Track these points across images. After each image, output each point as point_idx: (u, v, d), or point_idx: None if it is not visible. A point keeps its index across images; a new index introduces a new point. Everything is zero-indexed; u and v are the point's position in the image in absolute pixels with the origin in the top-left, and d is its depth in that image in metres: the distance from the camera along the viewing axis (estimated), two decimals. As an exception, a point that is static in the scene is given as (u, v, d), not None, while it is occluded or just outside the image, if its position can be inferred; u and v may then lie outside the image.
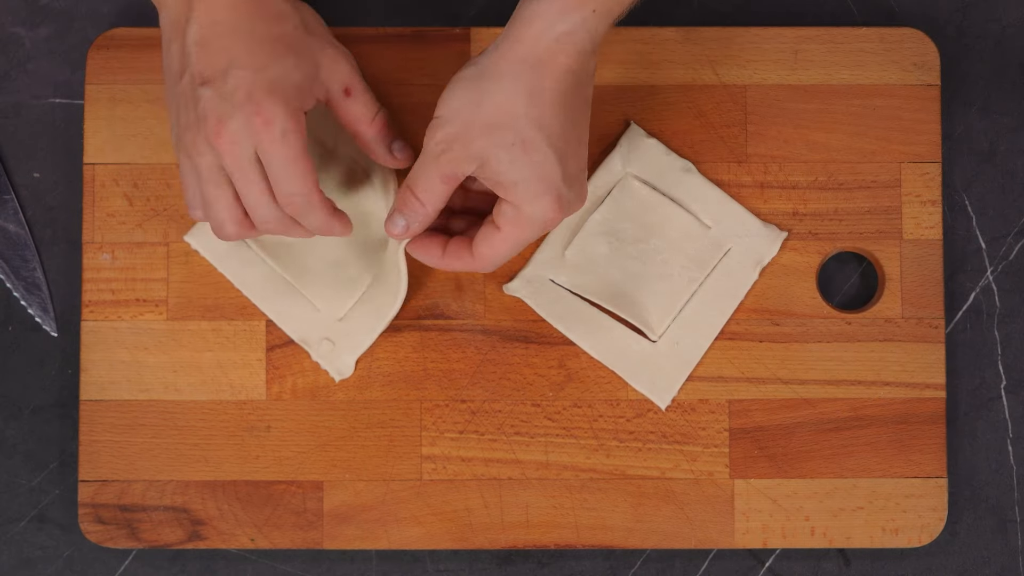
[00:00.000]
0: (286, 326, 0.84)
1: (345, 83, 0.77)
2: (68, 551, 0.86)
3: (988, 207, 0.88)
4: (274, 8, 0.75)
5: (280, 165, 0.73)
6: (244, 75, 0.72)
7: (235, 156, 0.73)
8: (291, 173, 0.73)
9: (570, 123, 0.74)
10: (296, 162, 0.73)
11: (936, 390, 0.84)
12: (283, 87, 0.73)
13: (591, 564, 0.86)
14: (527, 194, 0.74)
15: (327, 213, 0.76)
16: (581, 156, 0.76)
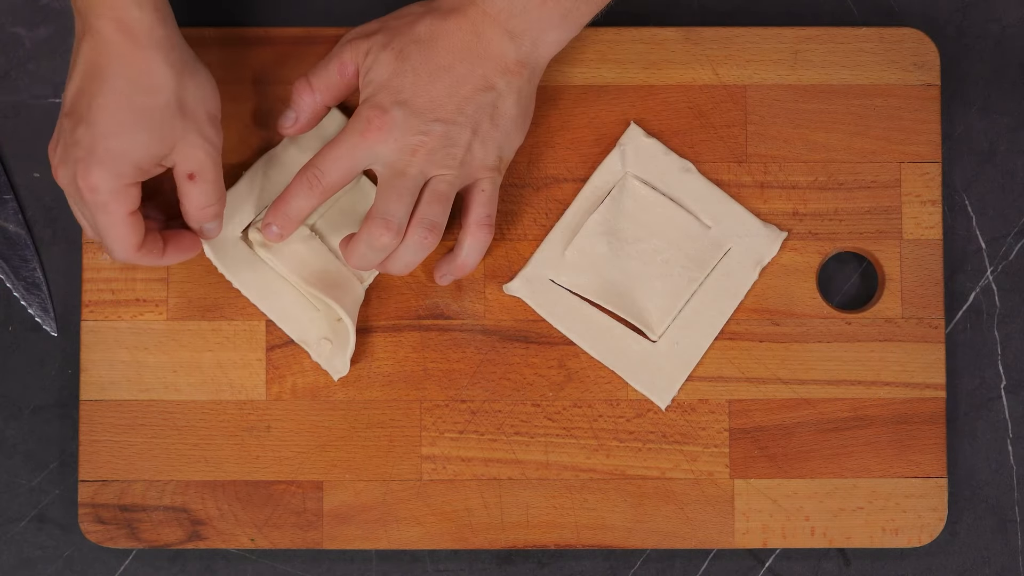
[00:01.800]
0: (286, 326, 0.84)
1: (192, 169, 0.76)
2: (68, 551, 0.86)
3: (988, 207, 0.88)
4: (151, 78, 0.74)
5: (103, 227, 0.75)
6: (89, 135, 0.73)
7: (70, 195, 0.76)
8: (110, 237, 0.75)
9: (446, 70, 0.76)
10: (114, 228, 0.75)
11: (936, 390, 0.84)
12: (119, 162, 0.73)
13: (591, 564, 0.86)
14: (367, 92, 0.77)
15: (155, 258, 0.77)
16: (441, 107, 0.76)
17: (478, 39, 0.76)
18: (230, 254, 0.84)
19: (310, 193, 0.78)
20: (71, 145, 0.74)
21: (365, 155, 0.77)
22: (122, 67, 0.73)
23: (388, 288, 0.85)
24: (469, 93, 0.77)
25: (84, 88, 0.73)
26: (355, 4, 0.88)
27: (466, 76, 0.76)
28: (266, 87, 0.85)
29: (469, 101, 0.77)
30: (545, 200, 0.85)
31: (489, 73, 0.77)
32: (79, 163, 0.73)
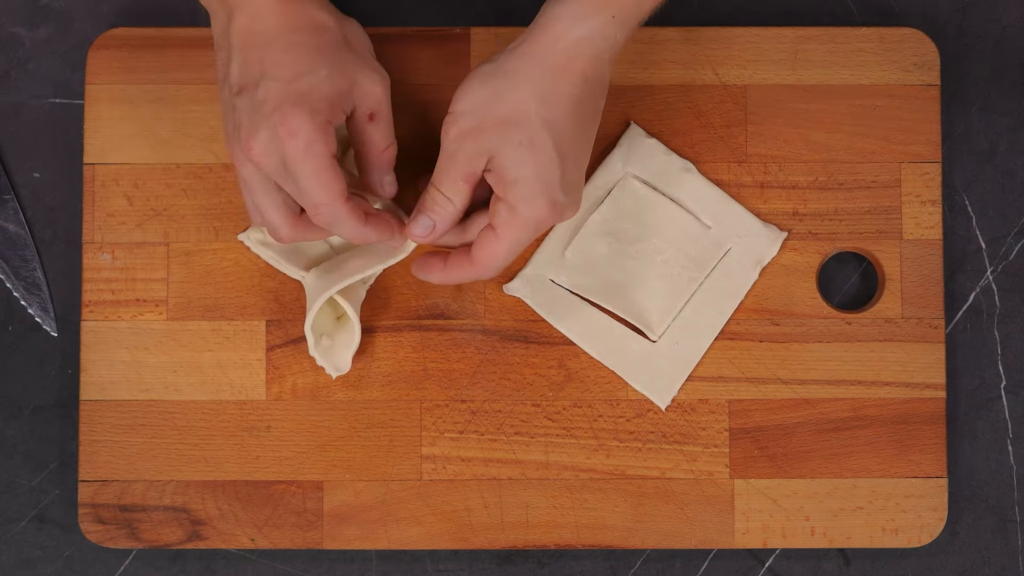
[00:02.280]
0: None
1: (373, 108, 0.76)
2: (68, 551, 0.86)
3: (988, 207, 0.88)
4: (315, 19, 0.75)
5: (304, 177, 0.72)
6: (274, 86, 0.72)
7: (266, 166, 0.73)
8: (315, 184, 0.73)
9: (579, 130, 0.75)
10: (320, 174, 0.72)
11: (936, 390, 0.84)
12: (311, 98, 0.72)
13: (591, 564, 0.86)
14: (524, 193, 0.74)
15: (357, 222, 0.75)
16: (582, 164, 0.76)
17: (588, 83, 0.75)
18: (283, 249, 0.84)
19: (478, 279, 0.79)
20: (256, 108, 0.72)
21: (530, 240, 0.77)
22: (285, 21, 0.73)
23: (388, 288, 0.85)
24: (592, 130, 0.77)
25: (249, 59, 0.73)
26: (356, 4, 0.88)
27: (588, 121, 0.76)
28: (266, 87, 0.85)
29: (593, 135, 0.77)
30: (545, 200, 0.85)
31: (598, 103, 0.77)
32: (274, 115, 0.71)
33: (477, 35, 0.86)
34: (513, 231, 0.75)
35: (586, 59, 0.74)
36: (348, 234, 0.75)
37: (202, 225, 0.85)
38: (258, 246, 0.84)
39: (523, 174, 0.74)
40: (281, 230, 0.76)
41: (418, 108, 0.85)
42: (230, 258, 0.85)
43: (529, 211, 0.74)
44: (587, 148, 0.76)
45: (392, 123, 0.77)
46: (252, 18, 0.73)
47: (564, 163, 0.74)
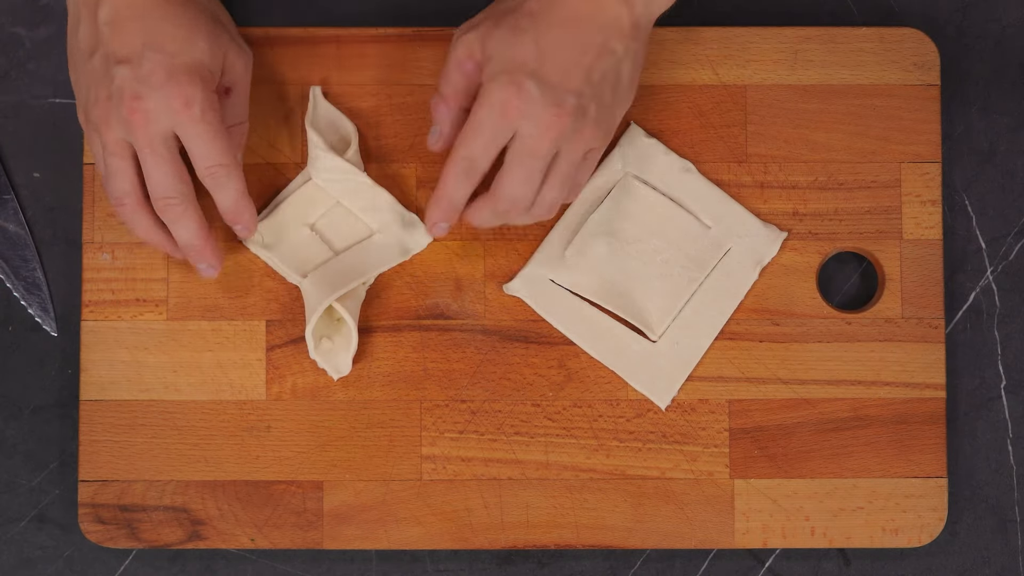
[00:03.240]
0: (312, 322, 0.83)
1: (232, 81, 0.79)
2: (68, 551, 0.86)
3: (988, 207, 0.88)
4: None
5: (203, 141, 0.75)
6: (160, 58, 0.74)
7: (148, 134, 0.75)
8: (214, 147, 0.76)
9: (569, 39, 0.75)
10: (218, 136, 0.75)
11: (936, 390, 0.84)
12: (199, 69, 0.75)
13: (591, 564, 0.86)
14: (494, 70, 0.75)
15: (239, 188, 0.78)
16: (572, 78, 0.75)
17: (594, 6, 0.75)
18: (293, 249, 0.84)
19: (468, 181, 0.77)
20: (143, 79, 0.74)
21: (507, 134, 0.76)
22: None
23: (388, 288, 0.85)
24: (593, 61, 0.75)
25: (126, 27, 0.75)
26: (355, 4, 0.88)
27: (587, 44, 0.75)
28: (267, 87, 0.85)
29: (594, 69, 0.75)
30: (545, 200, 0.85)
31: (608, 39, 0.76)
32: (166, 85, 0.74)
33: (477, 35, 0.86)
34: (479, 108, 0.75)
35: None
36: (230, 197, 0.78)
37: (202, 225, 0.85)
38: (258, 247, 0.84)
39: (498, 52, 0.75)
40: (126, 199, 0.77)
41: (418, 108, 0.85)
42: (230, 258, 0.85)
43: (493, 87, 0.74)
44: (580, 69, 0.75)
45: (247, 100, 0.80)
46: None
47: (542, 58, 0.74)
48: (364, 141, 0.86)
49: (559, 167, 0.77)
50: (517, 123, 0.75)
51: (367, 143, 0.86)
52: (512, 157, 0.76)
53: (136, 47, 0.75)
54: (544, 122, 0.75)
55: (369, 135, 0.86)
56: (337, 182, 0.84)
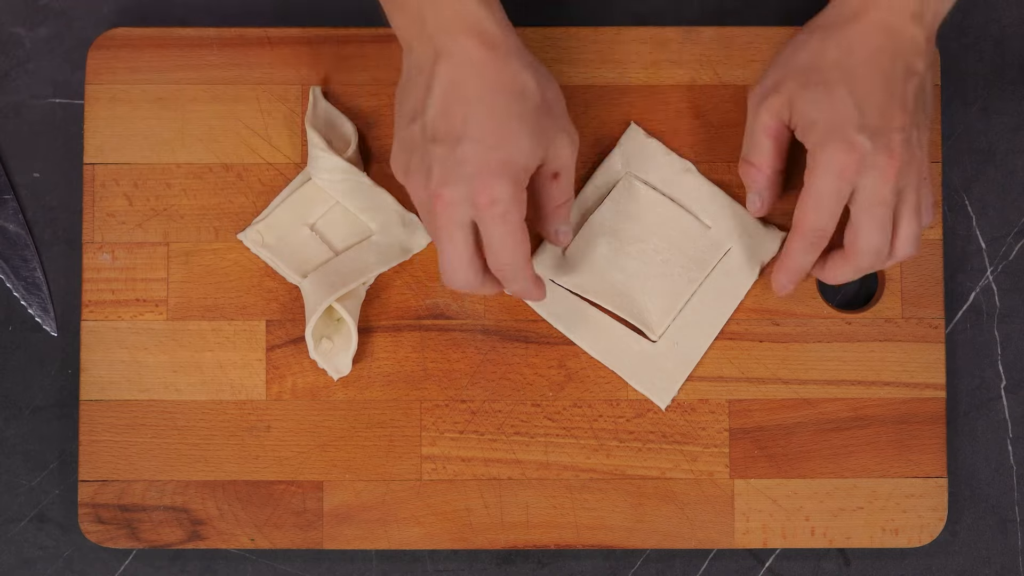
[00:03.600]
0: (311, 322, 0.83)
1: (558, 168, 0.77)
2: (68, 551, 0.86)
3: (988, 207, 0.88)
4: (518, 83, 0.74)
5: (499, 240, 0.74)
6: (477, 150, 0.73)
7: (447, 218, 0.74)
8: (508, 247, 0.75)
9: (881, 80, 0.74)
10: (513, 236, 0.74)
11: (936, 390, 0.84)
12: (512, 168, 0.73)
13: (591, 564, 0.86)
14: (820, 136, 0.75)
15: (530, 282, 0.77)
16: (892, 115, 0.75)
17: (890, 36, 0.75)
18: (289, 252, 0.84)
19: (816, 250, 0.78)
20: (455, 164, 0.73)
21: (848, 193, 0.75)
22: (491, 80, 0.73)
23: (388, 288, 0.85)
24: (904, 89, 0.75)
25: (452, 109, 0.73)
26: (360, 5, 0.88)
27: (895, 75, 0.75)
28: (266, 87, 0.85)
29: (907, 98, 0.75)
30: (545, 200, 0.85)
31: (911, 62, 0.75)
32: (475, 179, 0.72)
33: (477, 35, 0.85)
34: (816, 178, 0.75)
35: (883, 10, 0.75)
36: (516, 289, 0.78)
37: (202, 225, 0.85)
38: (257, 247, 0.84)
39: (818, 115, 0.75)
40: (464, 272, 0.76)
41: (418, 108, 0.85)
42: (230, 258, 0.85)
43: (826, 154, 0.74)
44: (896, 102, 0.75)
45: (573, 180, 0.79)
46: (458, 69, 0.73)
47: (862, 106, 0.74)
48: (364, 141, 0.86)
49: (907, 201, 0.76)
50: (856, 181, 0.75)
51: (367, 143, 0.86)
52: (860, 212, 0.76)
53: (455, 132, 0.73)
54: (881, 170, 0.74)
55: (369, 135, 0.86)
56: (337, 182, 0.84)
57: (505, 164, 0.73)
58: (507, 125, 0.73)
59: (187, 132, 0.85)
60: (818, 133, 0.75)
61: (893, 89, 0.75)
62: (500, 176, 0.73)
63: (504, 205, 0.73)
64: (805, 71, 0.76)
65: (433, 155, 0.73)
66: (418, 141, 0.74)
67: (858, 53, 0.75)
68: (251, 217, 0.85)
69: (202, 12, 0.88)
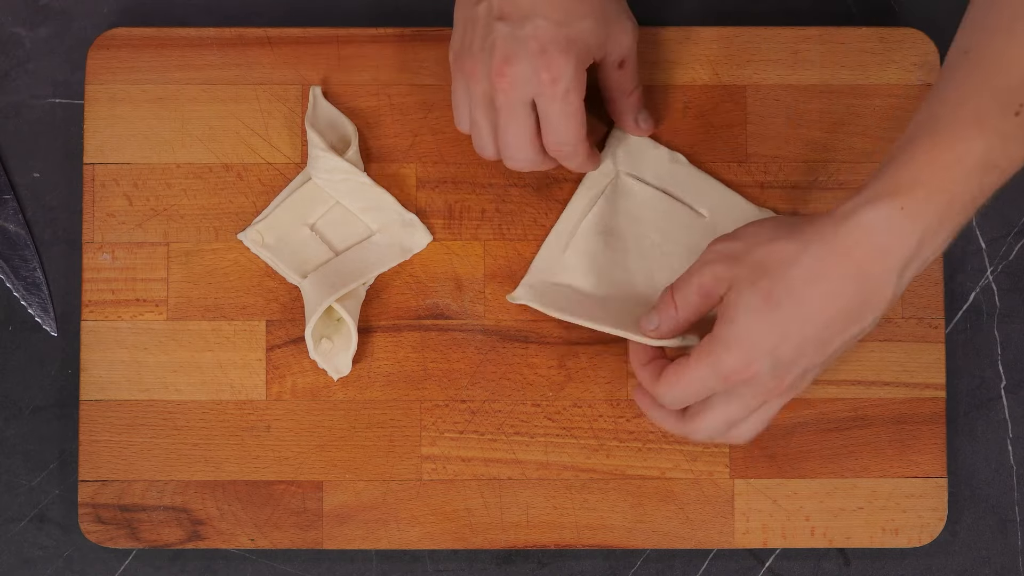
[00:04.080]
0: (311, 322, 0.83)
1: (623, 55, 0.79)
2: (68, 551, 0.86)
3: (988, 207, 0.87)
4: None
5: (558, 118, 0.76)
6: (544, 25, 0.74)
7: (510, 97, 0.76)
8: (568, 126, 0.77)
9: (821, 318, 0.70)
10: (574, 117, 0.76)
11: (936, 390, 0.84)
12: (576, 46, 0.75)
13: (591, 564, 0.86)
14: (728, 335, 0.71)
15: (586, 156, 0.80)
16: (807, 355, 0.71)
17: (862, 284, 0.69)
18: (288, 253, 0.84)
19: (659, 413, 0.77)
20: (521, 40, 0.74)
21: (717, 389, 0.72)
22: None
23: (388, 288, 0.85)
24: (836, 335, 0.70)
25: None
26: (360, 4, 0.88)
27: (839, 324, 0.70)
28: (266, 87, 0.85)
29: (833, 343, 0.71)
30: (545, 200, 0.85)
31: (864, 313, 0.70)
32: (539, 56, 0.74)
33: (477, 35, 0.86)
34: (701, 365, 0.71)
35: (866, 251, 0.68)
36: (573, 165, 0.80)
37: (202, 225, 0.85)
38: (257, 247, 0.84)
39: (740, 318, 0.70)
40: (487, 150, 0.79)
41: (418, 108, 0.85)
42: (230, 258, 0.85)
43: (725, 358, 0.71)
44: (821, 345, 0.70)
45: (638, 69, 0.81)
46: None
47: (787, 339, 0.70)
48: (364, 141, 0.86)
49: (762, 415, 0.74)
50: (734, 389, 0.72)
51: (367, 143, 0.86)
52: (717, 400, 0.73)
53: (523, 10, 0.75)
54: (762, 390, 0.72)
55: (369, 135, 0.86)
56: (337, 182, 0.84)
57: (570, 42, 0.75)
58: (571, 5, 0.75)
59: (187, 132, 0.85)
60: (728, 331, 0.71)
61: (824, 333, 0.70)
62: (565, 53, 0.74)
63: (567, 83, 0.75)
64: (763, 270, 0.70)
65: (498, 33, 0.75)
66: (482, 20, 0.76)
67: (819, 287, 0.69)
68: (251, 217, 0.85)
69: (202, 12, 0.88)
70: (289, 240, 0.84)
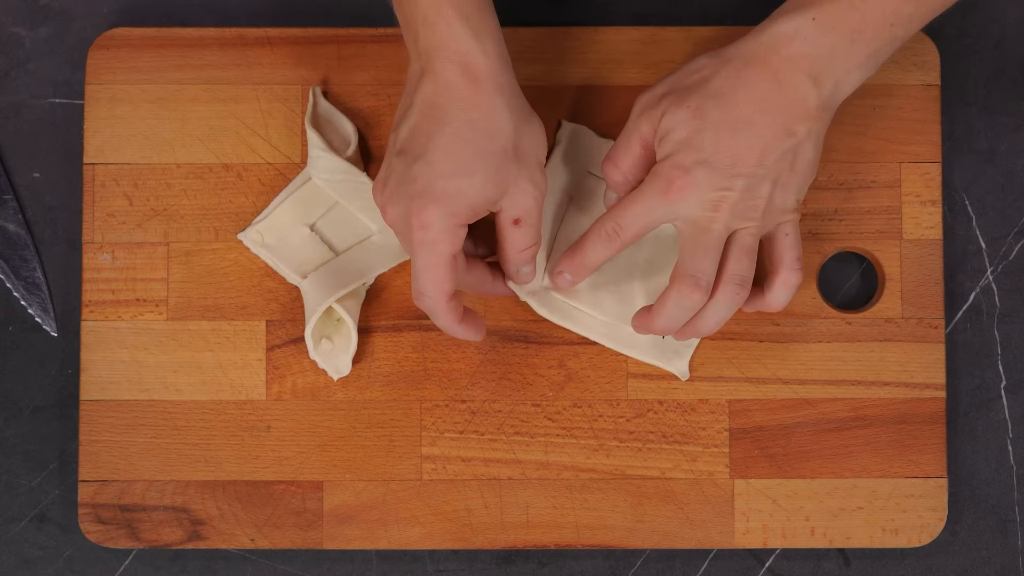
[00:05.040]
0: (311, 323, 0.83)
1: (519, 215, 0.76)
2: (68, 551, 0.86)
3: (988, 207, 0.88)
4: (491, 121, 0.74)
5: (420, 266, 0.74)
6: (427, 172, 0.73)
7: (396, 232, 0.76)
8: (426, 277, 0.74)
9: (745, 123, 0.74)
10: (434, 269, 0.74)
11: (936, 390, 0.84)
12: (453, 201, 0.73)
13: (591, 564, 0.86)
14: (665, 151, 0.74)
15: (454, 320, 0.76)
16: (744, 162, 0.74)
17: (779, 88, 0.74)
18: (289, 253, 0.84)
19: (608, 246, 0.77)
20: (405, 182, 0.73)
21: (665, 213, 0.75)
22: (464, 110, 0.73)
23: (388, 288, 0.85)
24: (770, 144, 0.74)
25: (421, 127, 0.73)
26: (361, 5, 0.88)
27: (767, 128, 0.74)
28: (266, 87, 0.85)
29: (770, 152, 0.74)
30: (545, 200, 0.85)
31: (790, 121, 0.74)
32: (414, 200, 0.73)
33: (477, 35, 0.85)
34: (643, 188, 0.75)
35: (781, 59, 0.74)
36: (441, 325, 0.77)
37: (202, 225, 0.85)
38: (257, 247, 0.84)
39: (676, 135, 0.74)
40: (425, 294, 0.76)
41: (418, 108, 0.85)
42: (230, 258, 0.85)
43: (661, 169, 0.74)
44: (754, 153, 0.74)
45: (539, 227, 0.77)
46: (437, 91, 0.73)
47: (717, 143, 0.73)
48: (364, 141, 0.86)
49: (739, 241, 0.76)
50: (677, 206, 0.74)
51: (367, 143, 0.86)
52: (684, 238, 0.75)
53: (417, 150, 0.73)
54: (709, 202, 0.74)
55: (369, 135, 0.86)
56: (337, 182, 0.84)
57: (448, 194, 0.73)
58: (464, 158, 0.73)
59: (187, 132, 0.85)
60: (664, 149, 0.75)
61: (757, 141, 0.73)
62: (438, 204, 0.72)
63: (434, 233, 0.73)
64: (687, 91, 0.75)
65: (393, 167, 0.74)
66: (390, 151, 0.75)
67: (741, 93, 0.74)
68: (251, 217, 0.85)
69: (202, 12, 0.88)
70: (289, 240, 0.84)
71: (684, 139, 0.74)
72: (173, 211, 0.85)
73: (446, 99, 0.73)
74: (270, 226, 0.84)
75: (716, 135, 0.73)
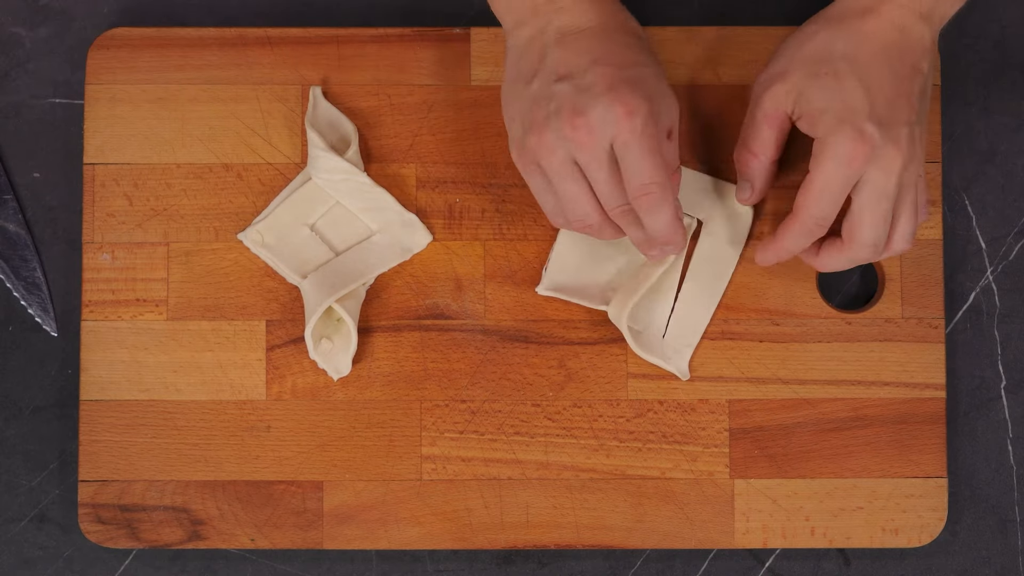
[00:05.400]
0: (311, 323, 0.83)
1: (671, 125, 0.76)
2: (68, 551, 0.86)
3: (988, 207, 0.88)
4: (631, 26, 0.77)
5: (637, 156, 0.73)
6: (607, 70, 0.73)
7: (591, 146, 0.73)
8: (649, 164, 0.73)
9: (889, 75, 0.75)
10: (654, 153, 0.73)
11: (936, 390, 0.84)
12: (644, 86, 0.73)
13: (591, 564, 0.86)
14: (831, 123, 0.74)
15: (674, 211, 0.75)
16: (899, 108, 0.75)
17: (900, 33, 0.76)
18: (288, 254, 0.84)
19: (812, 238, 0.77)
20: (585, 89, 0.73)
21: (852, 184, 0.75)
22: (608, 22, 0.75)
23: (388, 288, 0.85)
24: (911, 86, 0.76)
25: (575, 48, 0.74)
26: (361, 4, 0.88)
27: (903, 71, 0.76)
28: (266, 87, 0.85)
29: (913, 94, 0.76)
30: (545, 200, 0.85)
31: (916, 61, 0.76)
32: (608, 93, 0.72)
33: (477, 35, 0.86)
34: (823, 166, 0.74)
35: (894, 7, 0.75)
36: (661, 222, 0.75)
37: (202, 225, 0.85)
38: (257, 247, 0.84)
39: (828, 105, 0.74)
40: (592, 217, 0.76)
41: (418, 108, 0.85)
42: (230, 258, 0.85)
43: (835, 142, 0.74)
44: (903, 98, 0.75)
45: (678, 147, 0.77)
46: (573, 16, 0.75)
47: (873, 98, 0.74)
48: (364, 141, 0.86)
49: (907, 197, 0.76)
50: (863, 170, 0.74)
51: (367, 143, 0.86)
52: (863, 204, 0.75)
53: (581, 63, 0.73)
54: (888, 162, 0.74)
55: (369, 135, 0.86)
56: (337, 182, 0.84)
57: (636, 80, 0.73)
58: (632, 53, 0.75)
59: (187, 132, 0.85)
60: (827, 122, 0.74)
61: (901, 85, 0.75)
62: (633, 88, 0.73)
63: (643, 116, 0.72)
64: (814, 61, 0.76)
65: (560, 93, 0.73)
66: (539, 93, 0.74)
67: (868, 47, 0.75)
68: (251, 217, 0.85)
69: (202, 12, 0.88)
70: (289, 240, 0.84)
71: (843, 106, 0.74)
72: (173, 211, 0.85)
73: (586, 21, 0.75)
74: (270, 226, 0.85)
75: (868, 90, 0.74)
